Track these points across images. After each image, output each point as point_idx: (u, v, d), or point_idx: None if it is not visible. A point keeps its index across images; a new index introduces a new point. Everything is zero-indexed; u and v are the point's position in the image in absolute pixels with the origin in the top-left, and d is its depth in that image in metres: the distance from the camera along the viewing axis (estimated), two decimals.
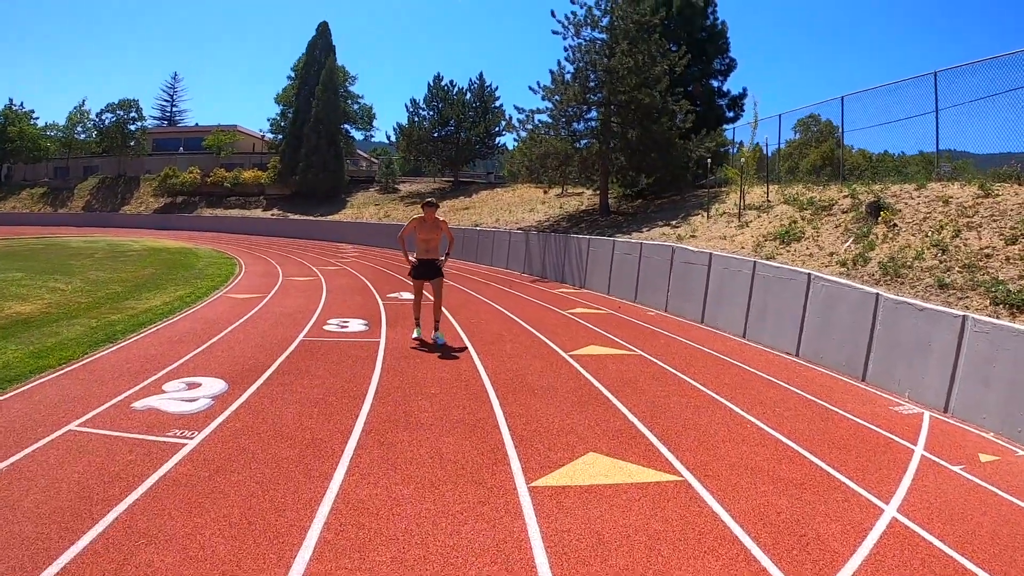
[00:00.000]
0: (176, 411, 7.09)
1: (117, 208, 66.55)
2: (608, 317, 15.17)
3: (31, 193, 71.81)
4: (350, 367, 9.19)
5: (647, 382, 9.06)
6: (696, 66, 28.61)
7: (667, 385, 8.99)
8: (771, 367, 10.72)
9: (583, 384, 8.79)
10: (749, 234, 16.57)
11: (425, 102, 54.51)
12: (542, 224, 29.08)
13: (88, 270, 21.17)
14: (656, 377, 9.40)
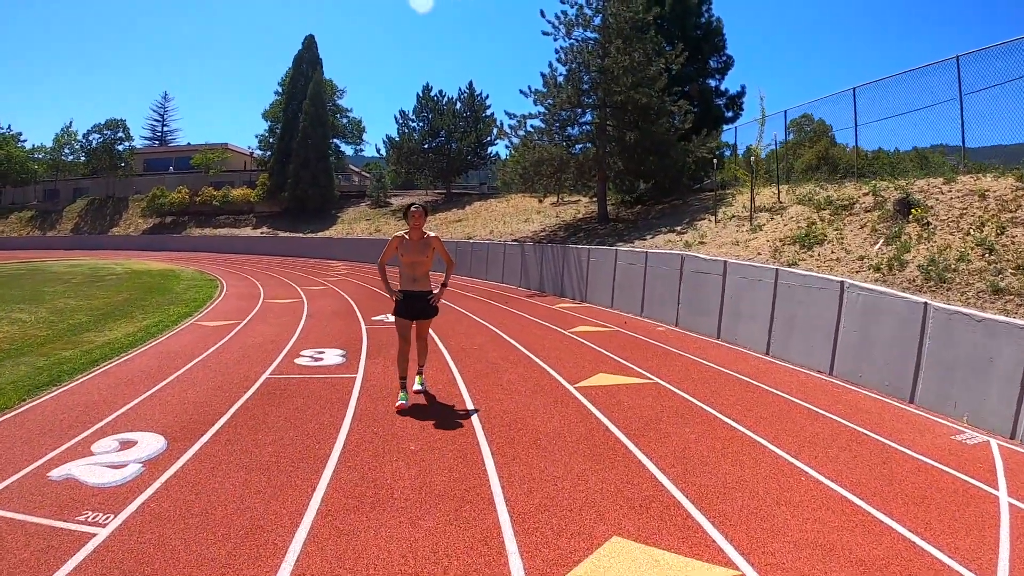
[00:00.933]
0: (97, 483, 5.75)
1: (106, 230, 65.63)
2: (614, 336, 13.79)
3: (19, 217, 71.11)
4: (315, 415, 7.73)
5: (670, 421, 7.65)
6: (692, 65, 27.41)
7: (694, 423, 7.58)
8: (805, 390, 9.41)
9: (595, 428, 7.34)
10: (764, 238, 15.23)
11: (415, 113, 53.55)
12: (538, 235, 27.72)
13: (59, 297, 19.93)
14: (679, 413, 7.99)
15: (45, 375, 9.73)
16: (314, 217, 54.48)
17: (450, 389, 9.04)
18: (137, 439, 6.87)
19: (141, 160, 77.26)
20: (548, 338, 13.33)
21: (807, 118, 31.21)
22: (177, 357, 11.20)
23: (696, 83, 28.51)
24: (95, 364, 10.60)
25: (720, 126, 28.09)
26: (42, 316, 15.91)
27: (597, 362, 10.92)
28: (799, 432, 7.38)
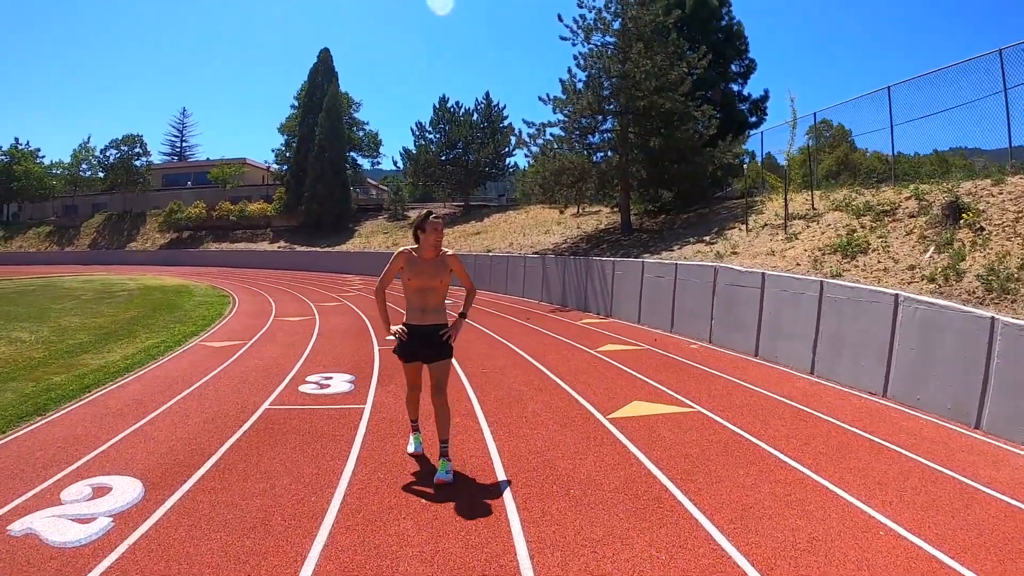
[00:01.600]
0: (59, 542, 4.91)
1: (123, 245, 65.71)
2: (645, 355, 12.82)
3: (37, 232, 71.31)
4: (315, 457, 6.79)
5: (719, 460, 6.66)
6: (714, 70, 26.47)
7: (747, 463, 6.59)
8: (861, 417, 8.45)
9: (635, 472, 6.34)
10: (801, 247, 14.26)
11: (431, 125, 53.13)
12: (559, 247, 26.83)
13: (65, 315, 19.33)
14: (728, 449, 7.00)
15: (31, 403, 9.05)
16: (331, 231, 53.97)
17: (468, 423, 8.07)
18: (112, 485, 6.04)
19: (160, 175, 77.66)
20: (574, 359, 12.39)
21: (826, 123, 30.29)
22: (174, 383, 10.42)
23: (719, 88, 27.63)
24: (86, 391, 9.89)
25: (744, 131, 27.19)
26: (43, 335, 15.34)
27: (630, 387, 9.95)
28: (865, 471, 6.40)
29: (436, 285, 6.36)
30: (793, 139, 20.82)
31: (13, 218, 75.37)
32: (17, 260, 63.48)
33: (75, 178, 75.16)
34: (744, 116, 29.34)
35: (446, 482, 6.02)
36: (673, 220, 24.33)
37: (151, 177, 73.81)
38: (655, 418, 8.20)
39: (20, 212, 76.15)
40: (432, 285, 6.33)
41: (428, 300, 6.37)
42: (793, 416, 8.38)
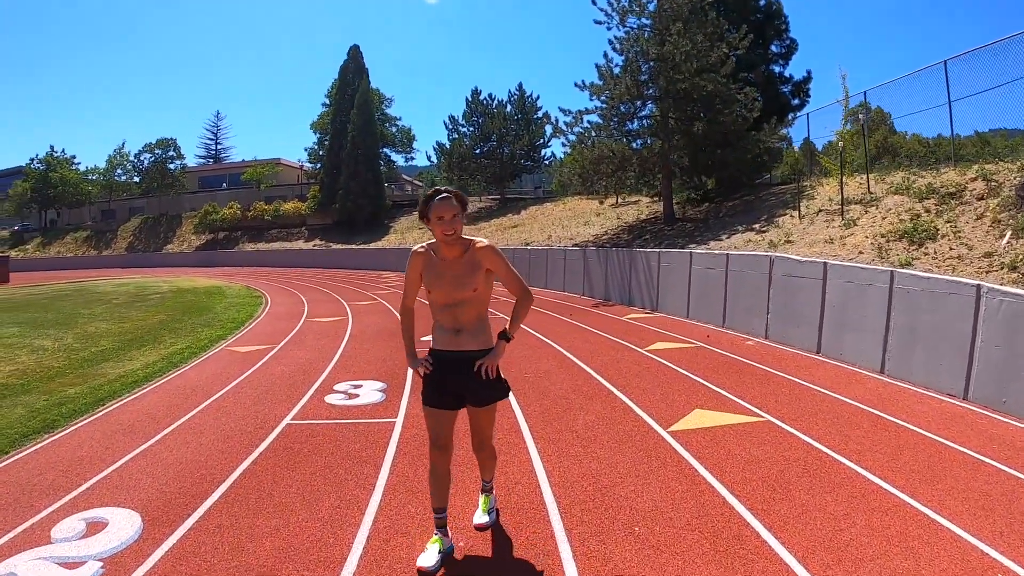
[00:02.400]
0: None
1: (160, 247, 66.09)
2: (699, 354, 11.84)
3: (75, 237, 72.18)
4: (337, 486, 5.95)
5: (801, 483, 5.69)
6: (753, 51, 25.30)
7: (832, 485, 5.62)
8: (945, 423, 7.47)
9: (707, 500, 5.40)
10: (862, 234, 13.21)
11: (464, 118, 52.46)
12: (600, 238, 25.85)
13: (93, 320, 18.86)
14: (809, 469, 6.03)
15: (39, 419, 8.46)
16: (366, 228, 53.55)
17: (512, 439, 7.17)
18: (108, 519, 5.32)
19: (195, 178, 78.38)
20: (624, 359, 11.44)
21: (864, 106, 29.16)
22: (192, 394, 9.72)
23: (760, 69, 26.50)
24: (99, 404, 9.27)
25: (787, 114, 26.10)
26: (66, 343, 14.85)
27: (688, 392, 8.98)
28: (965, 492, 5.43)
29: (467, 296, 4.44)
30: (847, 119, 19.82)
31: (51, 224, 76.25)
32: (54, 265, 64.11)
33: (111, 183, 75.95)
34: (787, 98, 28.20)
35: (486, 525, 4.94)
36: (718, 208, 23.26)
37: (186, 180, 74.56)
38: (721, 430, 7.23)
39: (58, 218, 76.84)
40: (461, 296, 4.44)
41: (460, 316, 4.49)
42: (871, 424, 7.39)
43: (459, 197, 4.39)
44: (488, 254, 4.47)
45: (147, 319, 19.14)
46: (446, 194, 4.34)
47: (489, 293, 4.60)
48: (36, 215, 76.19)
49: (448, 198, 4.32)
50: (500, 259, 4.51)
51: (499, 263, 4.50)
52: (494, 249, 4.51)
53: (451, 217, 4.27)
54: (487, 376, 4.44)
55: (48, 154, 74.07)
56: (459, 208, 4.35)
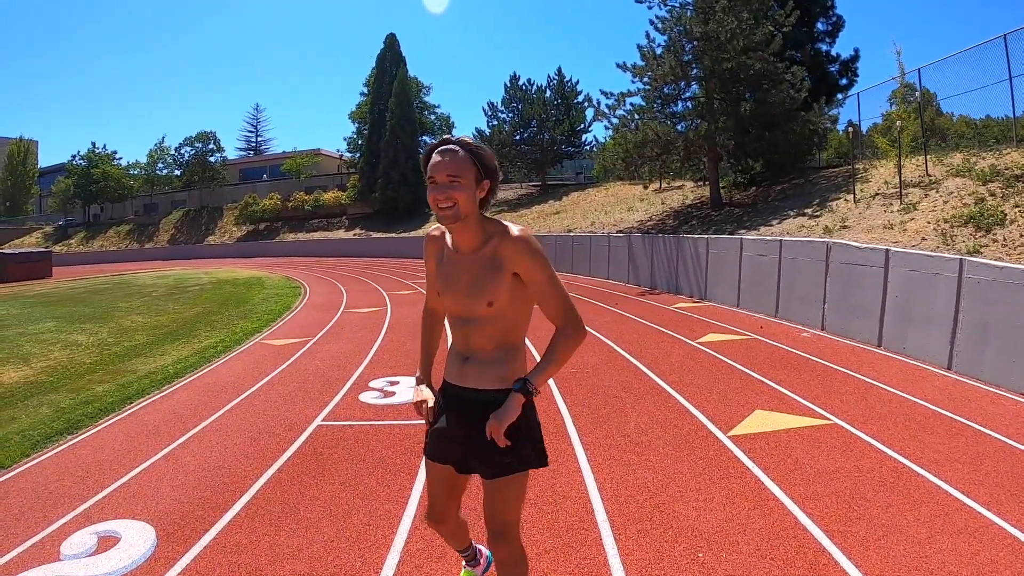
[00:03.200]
0: None
1: (201, 239, 66.50)
2: (753, 346, 11.19)
3: (117, 231, 73.01)
4: (367, 498, 5.45)
5: (879, 499, 5.06)
6: (799, 28, 24.32)
7: (912, 502, 4.98)
8: None
9: (777, 520, 4.78)
10: (923, 219, 12.42)
11: (503, 104, 51.76)
12: (644, 224, 25.15)
13: (130, 314, 18.78)
14: (885, 481, 5.39)
15: (63, 420, 8.18)
16: (406, 216, 53.21)
17: (560, 444, 6.61)
18: (121, 534, 4.95)
19: (236, 170, 79.14)
20: (674, 353, 10.84)
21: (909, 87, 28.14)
22: (222, 391, 9.37)
23: (806, 48, 25.53)
24: (127, 402, 8.97)
25: (835, 94, 25.14)
26: (101, 337, 14.72)
27: (747, 390, 8.34)
28: None
29: (480, 311, 2.94)
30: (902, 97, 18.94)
31: (94, 219, 77.29)
32: (97, 259, 64.91)
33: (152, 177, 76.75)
34: (834, 78, 27.18)
35: None
36: (766, 192, 22.42)
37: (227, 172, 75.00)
38: (786, 435, 6.60)
39: (101, 213, 77.85)
40: (473, 310, 2.96)
41: (471, 339, 3.02)
42: (946, 429, 6.69)
43: (471, 148, 2.81)
44: (518, 250, 2.84)
45: (184, 312, 18.99)
46: (449, 145, 2.81)
47: (520, 311, 3.00)
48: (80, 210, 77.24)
49: (450, 150, 2.79)
50: (537, 262, 2.85)
51: (534, 267, 2.85)
52: (529, 243, 2.84)
53: (447, 180, 2.75)
54: (499, 427, 2.86)
55: (90, 150, 75.04)
56: (466, 166, 2.78)
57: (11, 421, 8.29)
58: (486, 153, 2.84)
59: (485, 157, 2.82)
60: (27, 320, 17.98)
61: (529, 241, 2.84)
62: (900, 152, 15.86)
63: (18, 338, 14.75)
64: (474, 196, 2.81)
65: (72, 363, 11.99)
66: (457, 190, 2.74)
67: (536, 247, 2.85)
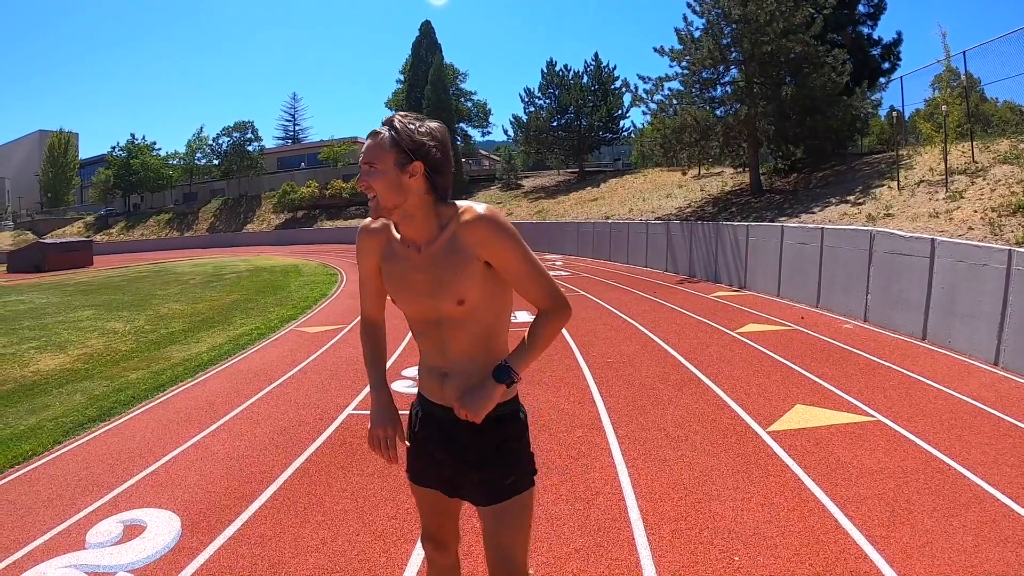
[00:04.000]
0: None
1: (240, 228, 66.97)
2: (794, 337, 10.91)
3: (157, 220, 73.87)
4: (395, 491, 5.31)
5: (923, 502, 4.82)
6: (840, 11, 23.73)
7: (958, 507, 4.73)
8: None
9: (818, 524, 4.55)
10: (970, 208, 12.04)
11: (540, 90, 51.33)
12: (683, 211, 24.84)
13: (167, 301, 19.02)
14: (930, 483, 5.13)
15: (95, 407, 8.24)
16: None
17: (594, 438, 6.40)
18: (147, 523, 4.94)
19: (274, 159, 79.54)
20: (713, 343, 10.60)
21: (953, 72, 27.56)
22: (255, 379, 9.37)
23: (847, 30, 24.94)
24: (159, 390, 9.02)
25: (877, 79, 24.55)
26: (137, 325, 14.92)
27: (786, 383, 8.09)
28: None
29: (449, 311, 2.46)
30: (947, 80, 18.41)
31: (134, 208, 78.17)
32: (137, 248, 65.60)
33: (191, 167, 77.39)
34: (876, 62, 26.53)
35: None
36: (807, 179, 21.99)
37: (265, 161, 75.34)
38: (828, 432, 6.35)
39: (141, 203, 78.82)
40: (440, 311, 2.48)
41: (446, 346, 2.54)
42: (993, 429, 6.36)
43: (393, 126, 2.35)
44: (483, 233, 2.37)
45: (220, 299, 19.15)
46: (377, 128, 2.41)
47: (500, 305, 2.53)
48: (120, 200, 78.26)
49: (372, 132, 2.40)
50: (508, 242, 2.38)
51: (505, 249, 2.39)
52: (494, 221, 2.38)
53: (363, 167, 2.38)
54: (470, 422, 2.45)
55: (129, 142, 75.85)
56: (381, 150, 2.34)
57: (45, 408, 8.39)
58: (409, 130, 2.34)
59: (404, 135, 2.33)
60: (66, 308, 18.24)
61: (494, 219, 2.38)
62: (946, 138, 15.39)
63: (57, 326, 14.95)
64: (399, 183, 2.33)
65: (108, 351, 12.12)
66: (374, 177, 2.33)
67: (503, 224, 2.38)
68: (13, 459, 6.45)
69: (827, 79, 20.62)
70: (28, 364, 11.21)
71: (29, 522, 5.02)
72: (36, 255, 41.08)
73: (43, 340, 13.18)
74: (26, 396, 9.16)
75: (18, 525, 4.99)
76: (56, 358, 11.62)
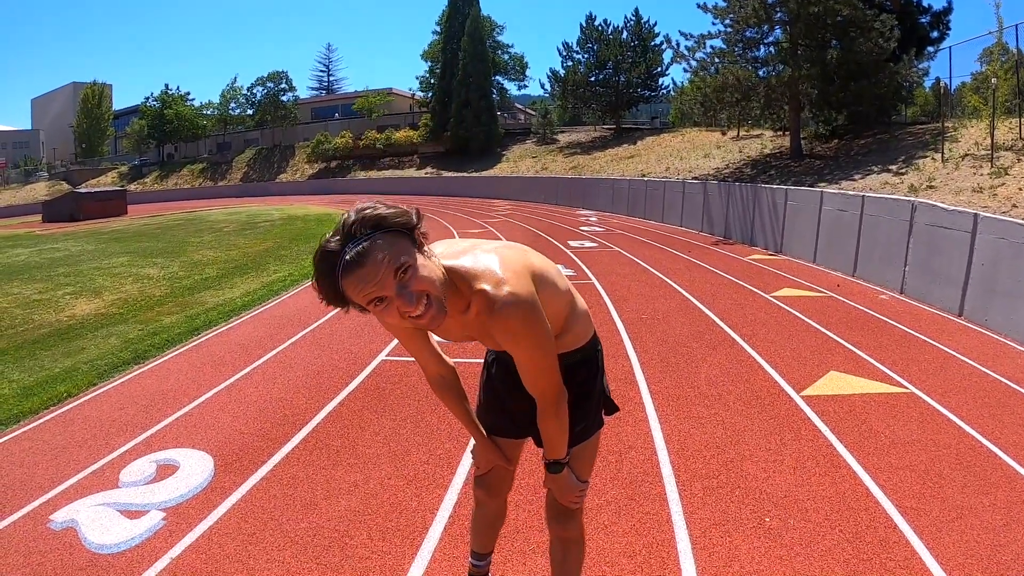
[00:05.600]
0: (96, 544, 3.97)
1: (273, 177, 66.95)
2: (829, 304, 10.76)
3: (191, 169, 73.82)
4: (428, 436, 5.41)
5: (954, 478, 4.75)
6: None
7: (989, 485, 4.63)
8: None
9: (849, 490, 4.52)
10: (1015, 185, 11.72)
11: (579, 45, 50.62)
12: (721, 172, 24.48)
13: (201, 249, 19.23)
14: (962, 459, 5.03)
15: (130, 350, 8.36)
16: (478, 156, 52.81)
17: (628, 392, 6.43)
18: (180, 462, 5.04)
19: (308, 109, 79.31)
20: (747, 305, 10.49)
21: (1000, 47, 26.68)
22: (288, 324, 9.47)
23: None
24: (194, 334, 9.14)
25: (925, 47, 23.88)
26: (172, 271, 15.14)
27: (821, 349, 7.99)
28: None
29: None
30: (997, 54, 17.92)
31: (168, 158, 78.31)
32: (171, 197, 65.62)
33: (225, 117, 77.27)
34: (924, 30, 25.56)
35: None
36: (849, 146, 21.52)
37: (299, 111, 75.15)
38: (861, 400, 6.28)
39: (175, 152, 79.07)
40: None
41: None
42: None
43: (382, 214, 1.95)
44: (501, 329, 2.15)
45: (254, 247, 19.29)
46: (354, 253, 1.87)
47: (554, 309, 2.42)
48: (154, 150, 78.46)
49: (357, 259, 1.87)
50: (524, 337, 2.17)
51: (517, 346, 2.21)
52: (515, 315, 2.10)
53: (395, 291, 1.92)
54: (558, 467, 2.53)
55: (163, 92, 75.34)
56: (398, 241, 1.94)
57: (80, 351, 8.53)
58: (380, 214, 1.95)
59: (391, 217, 1.96)
60: (101, 255, 18.46)
61: (511, 320, 2.10)
62: (994, 112, 15.02)
63: (92, 272, 15.16)
64: (428, 265, 1.99)
65: (142, 296, 12.30)
66: (413, 283, 1.92)
67: (520, 322, 2.11)
68: (48, 400, 6.57)
69: (874, 44, 20.07)
70: (63, 309, 11.38)
71: (64, 461, 5.12)
72: (71, 205, 41.39)
73: (78, 286, 13.37)
74: (62, 340, 9.31)
75: (53, 464, 5.09)
76: (91, 303, 11.79)
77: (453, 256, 2.19)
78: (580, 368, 2.59)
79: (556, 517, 2.70)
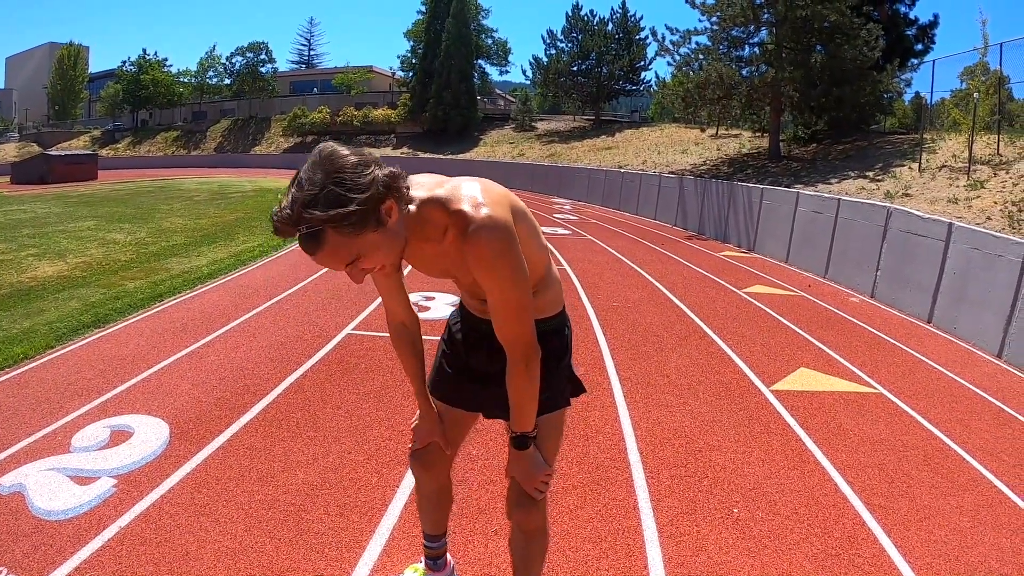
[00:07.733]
0: (42, 510, 3.80)
1: (248, 149, 66.00)
2: (800, 304, 10.78)
3: (165, 137, 72.41)
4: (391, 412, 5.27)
5: (922, 479, 4.75)
6: None
7: (956, 487, 4.67)
8: None
9: (817, 484, 4.50)
10: (990, 198, 11.78)
11: (563, 34, 50.39)
12: (698, 168, 24.52)
13: (170, 216, 18.85)
14: (930, 460, 5.05)
15: (90, 314, 8.12)
16: (455, 139, 52.49)
17: (596, 377, 6.35)
18: (135, 428, 4.86)
19: (287, 83, 78.44)
20: (719, 300, 10.48)
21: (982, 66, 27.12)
22: (254, 294, 9.26)
23: (885, 6, 24.35)
24: (157, 300, 8.89)
25: (909, 59, 24.04)
26: (139, 237, 14.78)
27: (792, 347, 7.99)
28: None
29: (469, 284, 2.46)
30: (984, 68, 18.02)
31: (142, 124, 76.88)
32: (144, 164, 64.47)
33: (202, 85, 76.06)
34: (910, 42, 25.82)
35: None
36: (827, 150, 21.64)
37: (277, 84, 74.26)
38: (830, 397, 6.27)
39: (150, 119, 77.70)
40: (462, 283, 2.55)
41: None
42: (994, 417, 6.25)
43: (318, 218, 1.78)
44: (474, 256, 2.06)
45: (224, 216, 18.98)
46: (306, 241, 1.82)
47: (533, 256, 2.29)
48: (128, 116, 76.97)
49: (311, 249, 1.85)
50: (500, 267, 2.07)
51: (490, 278, 2.11)
52: (486, 246, 2.03)
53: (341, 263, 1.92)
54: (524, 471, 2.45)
55: (140, 57, 73.71)
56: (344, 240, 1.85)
57: (40, 313, 8.29)
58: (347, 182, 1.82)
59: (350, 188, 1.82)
60: (68, 219, 18.05)
61: (486, 243, 2.02)
62: (973, 125, 15.08)
63: (57, 235, 14.80)
64: (388, 236, 1.95)
65: (107, 260, 12.01)
66: (364, 260, 1.94)
67: (496, 249, 2.03)
68: (3, 362, 6.33)
69: (858, 52, 20.16)
70: (25, 270, 11.07)
71: (15, 424, 4.94)
72: (41, 167, 40.48)
73: (42, 248, 13.04)
74: (21, 301, 9.04)
75: (3, 427, 4.90)
76: (54, 265, 11.49)
77: (433, 187, 2.16)
78: (552, 337, 2.49)
79: (518, 506, 2.52)
